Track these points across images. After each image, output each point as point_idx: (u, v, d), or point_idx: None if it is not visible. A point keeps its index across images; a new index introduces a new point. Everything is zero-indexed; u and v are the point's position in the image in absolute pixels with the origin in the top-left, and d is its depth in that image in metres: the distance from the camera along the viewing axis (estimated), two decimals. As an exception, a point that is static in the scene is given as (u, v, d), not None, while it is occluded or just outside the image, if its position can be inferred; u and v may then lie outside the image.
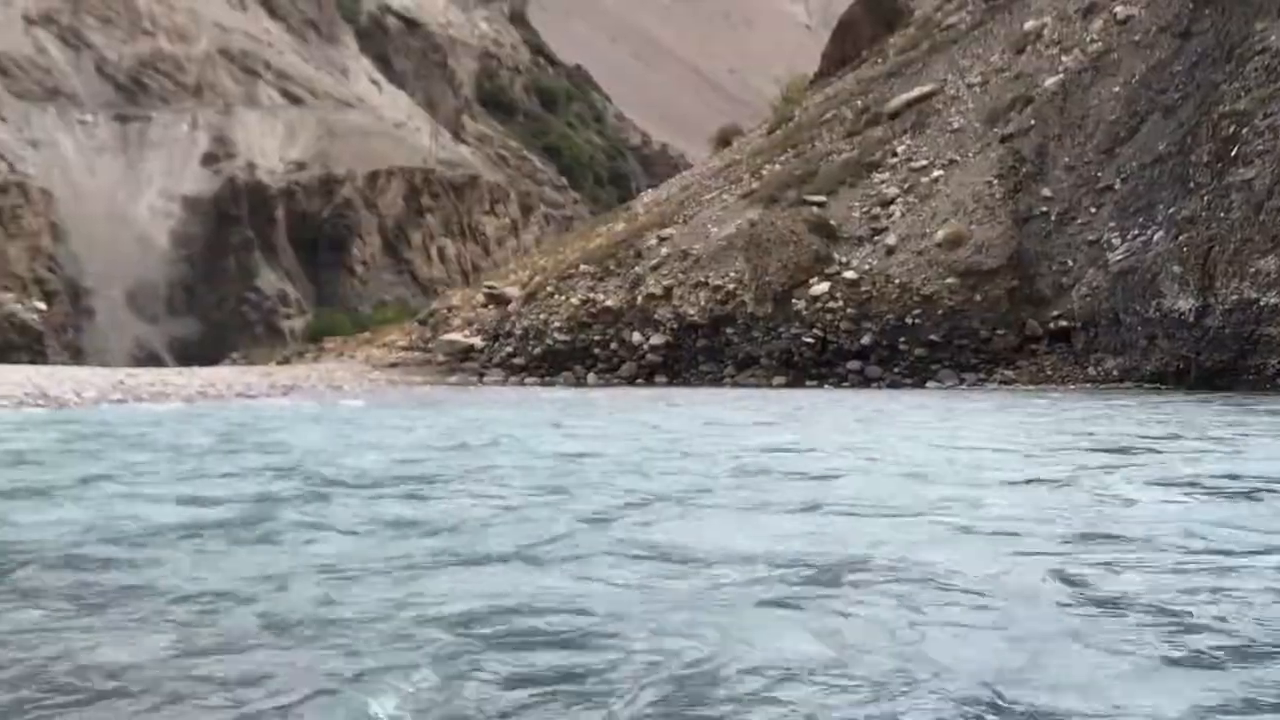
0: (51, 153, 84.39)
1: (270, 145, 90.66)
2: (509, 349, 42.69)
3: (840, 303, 36.38)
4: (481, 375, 42.14)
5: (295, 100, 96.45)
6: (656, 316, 39.25)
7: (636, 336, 39.61)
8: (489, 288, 49.07)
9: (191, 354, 75.87)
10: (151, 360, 74.25)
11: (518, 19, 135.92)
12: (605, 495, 9.82)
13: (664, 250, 41.37)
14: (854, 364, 35.55)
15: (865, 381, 34.93)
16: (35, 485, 10.92)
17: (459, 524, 8.45)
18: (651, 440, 15.91)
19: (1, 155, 79.78)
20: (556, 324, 41.46)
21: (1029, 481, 10.77)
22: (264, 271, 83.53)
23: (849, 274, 36.90)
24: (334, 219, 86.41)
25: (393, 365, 48.65)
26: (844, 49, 56.26)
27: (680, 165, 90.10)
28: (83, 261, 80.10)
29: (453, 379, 42.74)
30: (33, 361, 67.05)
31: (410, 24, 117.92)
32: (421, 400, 31.96)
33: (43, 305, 74.97)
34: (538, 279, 45.45)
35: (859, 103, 45.75)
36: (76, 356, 73.10)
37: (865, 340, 35.67)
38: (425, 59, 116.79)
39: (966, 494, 9.74)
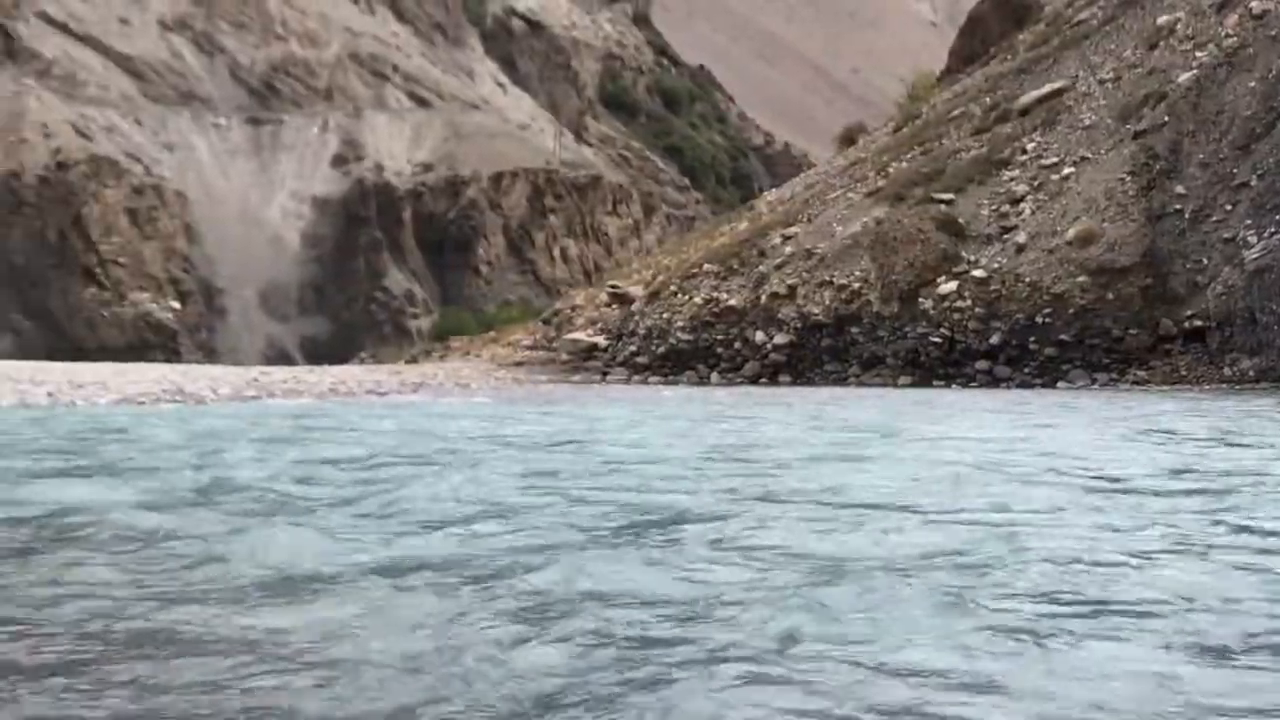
0: (186, 156, 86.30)
1: (398, 147, 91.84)
2: (632, 348, 42.72)
3: (968, 302, 35.91)
4: (605, 374, 42.22)
5: (422, 103, 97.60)
6: (780, 316, 39.04)
7: (760, 336, 39.43)
8: (612, 287, 49.19)
9: (321, 353, 77.11)
10: (282, 359, 75.61)
11: (641, 20, 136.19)
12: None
13: (788, 249, 41.13)
14: (982, 364, 35.09)
15: (994, 381, 34.45)
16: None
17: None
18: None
19: (138, 158, 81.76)
20: (680, 323, 41.41)
21: None
22: (391, 271, 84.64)
23: (977, 272, 36.42)
24: (459, 220, 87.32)
25: (517, 364, 48.97)
26: (972, 45, 55.62)
27: (803, 165, 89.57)
28: (216, 262, 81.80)
29: (576, 378, 42.91)
30: (167, 360, 68.67)
31: (534, 26, 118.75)
32: (552, 398, 32.06)
33: (177, 305, 76.71)
34: (661, 278, 45.45)
35: (988, 99, 45.13)
36: (210, 355, 74.68)
37: (994, 340, 35.19)
38: (549, 61, 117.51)
39: None
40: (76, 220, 74.98)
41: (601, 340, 44.73)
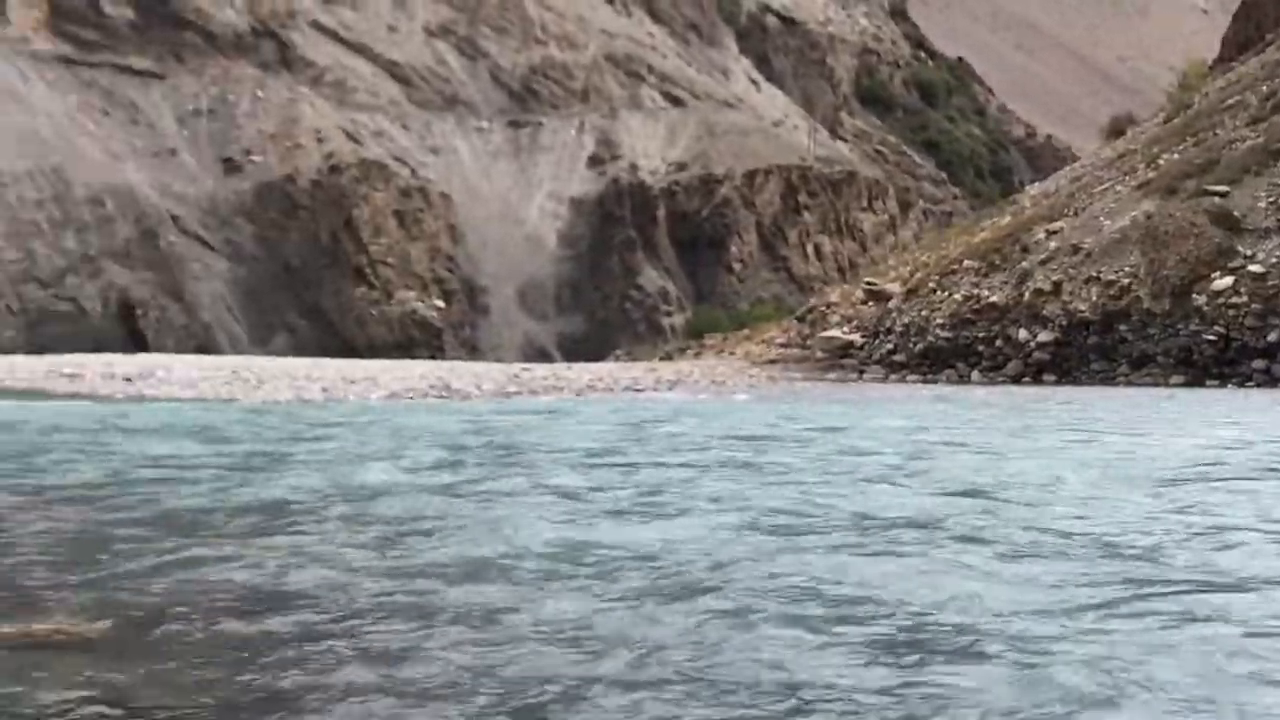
0: (450, 158, 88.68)
1: (652, 146, 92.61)
2: (889, 346, 42.23)
3: (1244, 298, 34.36)
4: (861, 372, 41.84)
5: (677, 102, 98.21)
6: (1045, 313, 38.05)
7: (1023, 334, 38.50)
8: (869, 284, 48.68)
9: (578, 350, 78.32)
10: (540, 356, 77.12)
11: (897, 13, 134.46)
12: None
13: (1053, 244, 40.04)
14: (1259, 363, 33.58)
15: (1271, 381, 32.92)
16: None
17: None
18: None
19: (405, 161, 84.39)
20: (939, 320, 40.73)
21: None
22: (646, 270, 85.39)
23: (1254, 267, 34.82)
24: (713, 218, 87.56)
25: (771, 362, 48.84)
26: (1247, 31, 53.25)
27: (1067, 158, 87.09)
28: (478, 261, 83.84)
29: (831, 375, 42.60)
30: (432, 356, 70.83)
31: (789, 23, 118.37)
32: (822, 395, 31.85)
33: (441, 303, 78.92)
34: (919, 275, 44.78)
35: (1264, 88, 43.08)
36: (472, 352, 76.63)
37: (1272, 337, 33.61)
38: (803, 57, 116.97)
39: None
40: (348, 222, 77.81)
41: (857, 338, 44.33)
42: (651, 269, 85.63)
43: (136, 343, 67.99)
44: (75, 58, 79.61)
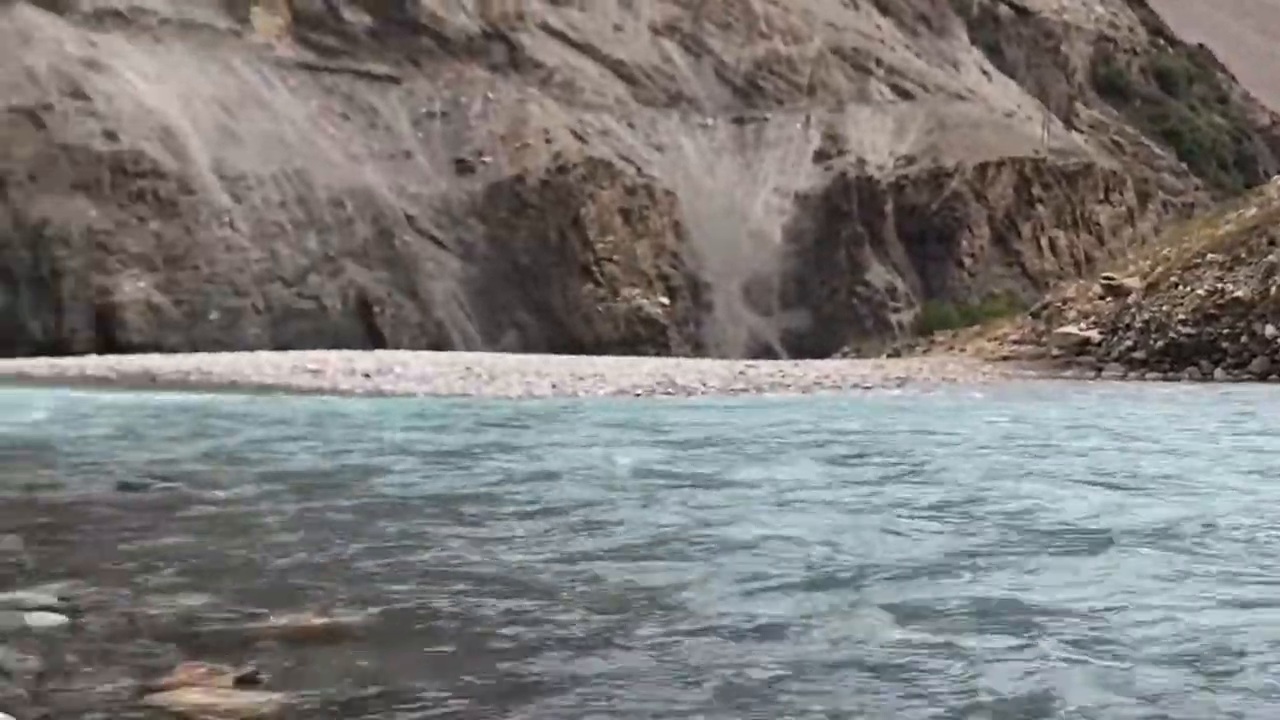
0: (675, 155, 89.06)
1: (880, 140, 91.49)
2: (1128, 343, 40.98)
3: None
4: (1098, 370, 40.72)
5: (905, 95, 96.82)
6: (1294, 308, 36.45)
7: (1270, 330, 36.97)
8: (1106, 279, 47.32)
9: (803, 346, 77.82)
10: (765, 352, 76.88)
11: (1134, 0, 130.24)
12: None
13: (1303, 236, 38.30)
14: None
15: None
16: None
17: None
18: None
19: (630, 159, 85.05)
20: (1180, 316, 39.35)
21: None
22: (873, 265, 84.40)
23: None
24: (942, 212, 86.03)
25: (1004, 359, 47.86)
26: None
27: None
28: (702, 258, 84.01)
29: (1067, 373, 41.56)
30: (657, 353, 71.26)
31: (1022, 12, 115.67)
32: (1062, 393, 31.11)
33: (666, 300, 79.29)
34: (1160, 269, 43.31)
35: None
36: (697, 349, 76.79)
37: None
38: (1037, 46, 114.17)
39: None
40: (575, 220, 78.79)
41: (1095, 335, 43.14)
42: (879, 264, 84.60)
43: (374, 339, 70.07)
44: (316, 64, 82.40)
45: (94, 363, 53.53)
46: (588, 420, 20.63)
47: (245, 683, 4.40)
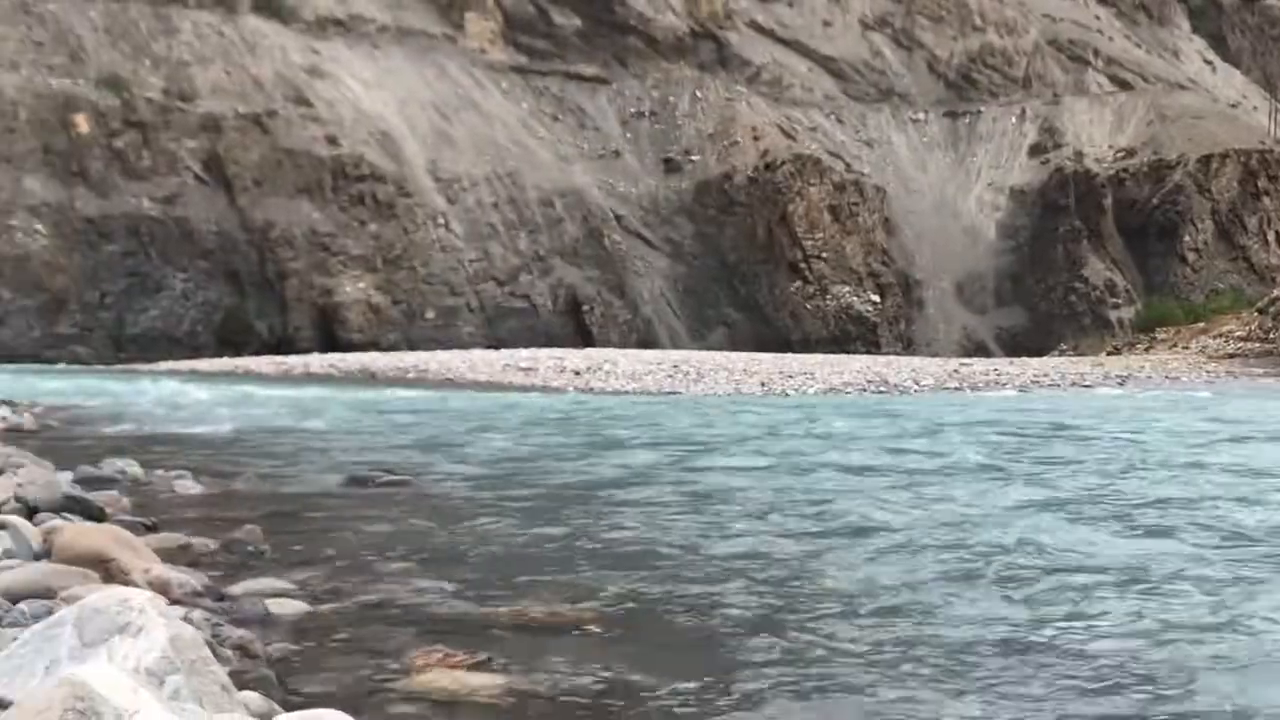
0: (885, 151, 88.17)
1: (1098, 133, 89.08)
2: (1368, 339, 39.21)
3: None
4: (1335, 368, 39.03)
5: (1124, 85, 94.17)
6: None
7: None
8: (1342, 273, 45.38)
9: (1018, 344, 76.28)
10: (978, 350, 75.59)
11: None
12: None
13: None
14: None
15: None
16: None
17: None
18: None
19: (839, 155, 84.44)
20: None
21: None
22: (1091, 261, 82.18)
23: None
24: (1164, 205, 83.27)
25: (1229, 356, 46.38)
26: None
27: None
28: (913, 254, 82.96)
29: (1299, 371, 39.97)
30: (867, 351, 70.67)
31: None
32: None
33: (876, 297, 78.45)
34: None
35: None
36: (908, 347, 75.88)
37: None
38: (1262, 34, 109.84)
39: None
40: (783, 217, 78.48)
41: (1330, 331, 41.43)
42: (1097, 260, 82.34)
43: (583, 337, 70.96)
44: (527, 66, 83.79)
45: (316, 360, 55.41)
46: (823, 418, 20.51)
47: (479, 668, 4.48)
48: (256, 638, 4.53)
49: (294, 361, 55.74)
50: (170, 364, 57.11)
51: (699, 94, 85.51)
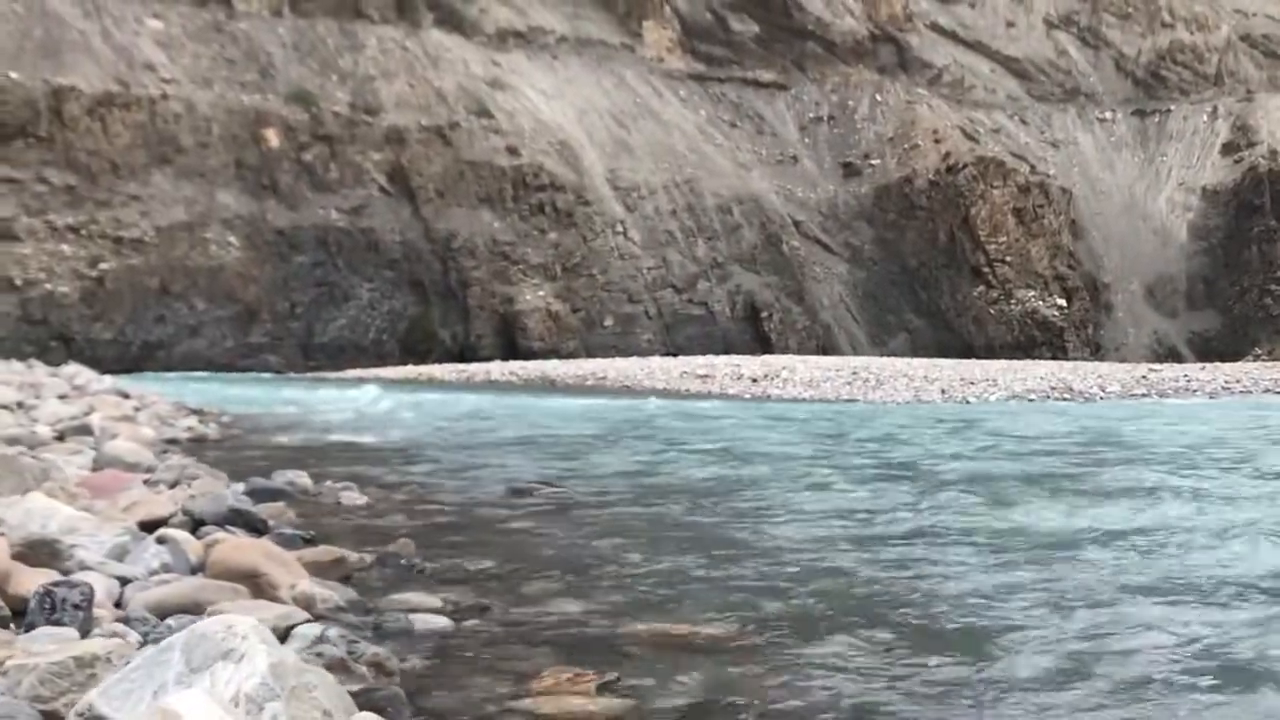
0: (1071, 152, 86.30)
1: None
2: None
3: None
4: None
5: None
6: None
7: None
8: None
9: (1211, 349, 73.99)
10: (1170, 355, 73.48)
11: None
12: None
13: None
14: None
15: None
16: None
17: None
18: None
19: (1023, 157, 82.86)
20: None
21: None
22: (1288, 262, 79.36)
23: None
24: (1366, 204, 79.96)
25: None
26: None
27: None
28: (1101, 257, 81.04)
29: None
30: (1053, 357, 69.25)
31: None
32: None
33: (1063, 301, 76.78)
34: None
35: None
36: (1095, 352, 74.13)
37: None
38: None
39: None
40: (965, 221, 77.33)
41: None
42: (1296, 261, 79.42)
43: (761, 343, 70.83)
44: (705, 74, 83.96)
45: (497, 368, 56.32)
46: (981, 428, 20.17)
47: (607, 689, 4.48)
48: (393, 654, 4.59)
49: (475, 369, 56.73)
50: (357, 372, 58.58)
51: (878, 97, 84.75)
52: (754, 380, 42.77)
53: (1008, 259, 76.87)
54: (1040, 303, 75.87)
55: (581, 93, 78.26)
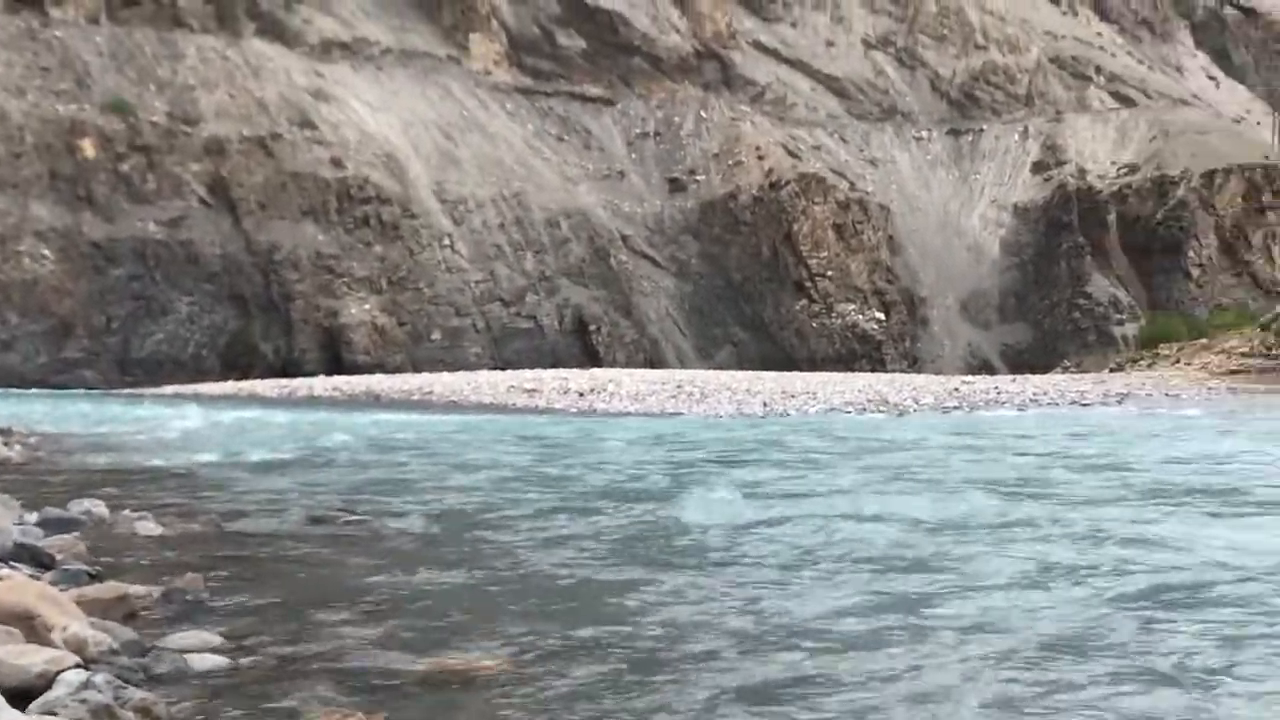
0: (889, 169, 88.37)
1: (1101, 149, 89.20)
2: (1367, 356, 39.20)
3: None
4: (1335, 385, 39.02)
5: (1127, 102, 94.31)
6: None
7: None
8: (1343, 289, 45.44)
9: (1022, 360, 76.33)
10: (983, 367, 75.64)
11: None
12: None
13: None
14: None
15: None
16: None
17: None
18: None
19: (843, 174, 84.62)
20: None
21: None
22: (1094, 277, 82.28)
23: None
24: (1167, 221, 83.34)
25: (1232, 373, 46.35)
26: None
27: None
28: (918, 272, 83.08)
29: (1301, 389, 39.95)
30: (873, 369, 70.76)
31: (1249, 14, 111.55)
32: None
33: (881, 315, 78.58)
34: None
35: None
36: (913, 364, 75.96)
37: None
38: (1266, 49, 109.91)
39: None
40: (787, 236, 78.68)
41: (1329, 347, 41.43)
42: (1101, 276, 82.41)
43: (590, 356, 71.11)
44: (532, 87, 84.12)
45: (321, 383, 55.58)
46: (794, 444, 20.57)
47: (373, 729, 4.53)
48: (161, 699, 4.58)
49: (298, 384, 55.90)
50: (176, 387, 57.34)
51: (703, 114, 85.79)
52: (581, 394, 42.94)
53: (829, 274, 78.40)
54: (860, 316, 77.52)
55: (407, 105, 77.78)
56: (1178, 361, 52.07)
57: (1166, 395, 39.06)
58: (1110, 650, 5.77)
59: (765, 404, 37.02)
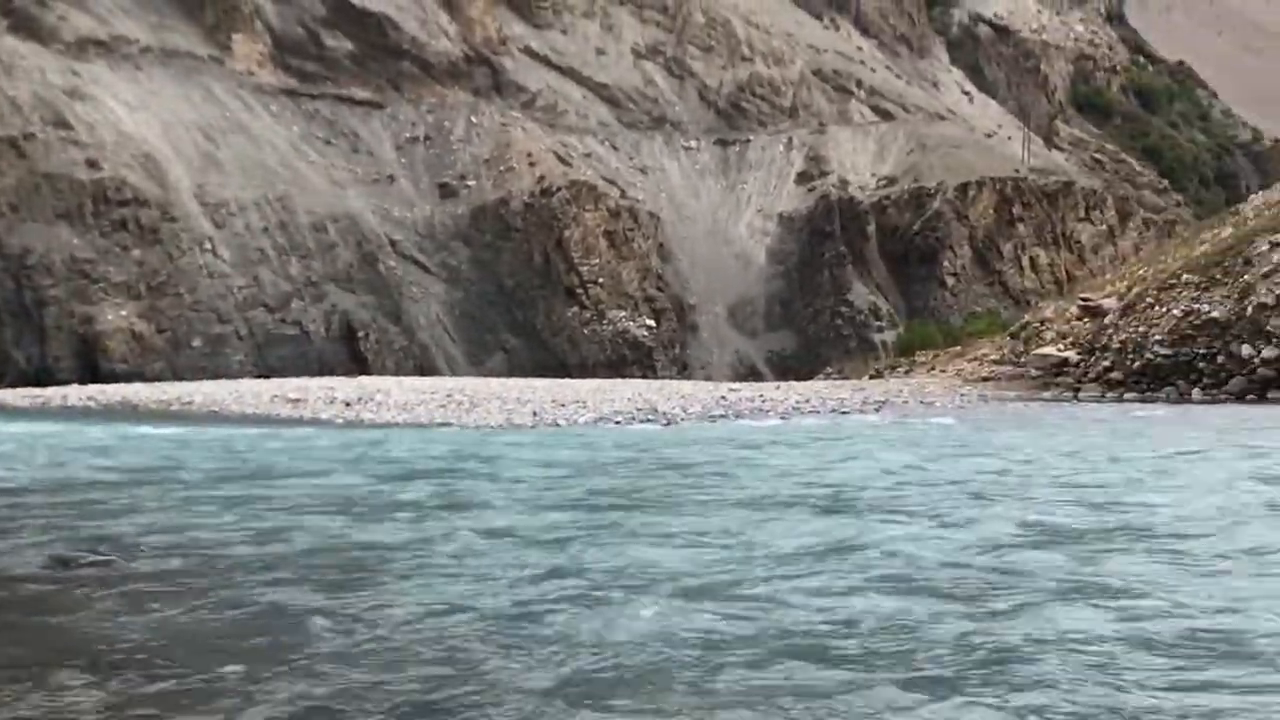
0: (659, 178, 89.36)
1: (862, 161, 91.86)
2: (1105, 363, 41.22)
3: None
4: (1076, 391, 40.92)
5: (886, 115, 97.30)
6: (1269, 328, 36.69)
7: (1246, 350, 37.23)
8: (1083, 300, 47.57)
9: (788, 366, 78.04)
10: (751, 374, 77.07)
11: (1114, 18, 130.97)
12: None
13: (1276, 257, 38.52)
14: None
15: None
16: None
17: None
18: None
19: (614, 182, 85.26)
20: (1157, 337, 39.59)
21: None
22: (856, 285, 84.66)
23: None
24: (924, 231, 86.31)
25: (984, 379, 47.99)
26: None
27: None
28: (687, 279, 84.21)
29: (1046, 394, 41.73)
30: (643, 375, 71.40)
31: (1002, 32, 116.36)
32: (1031, 418, 31.08)
33: (652, 322, 79.37)
34: (1136, 290, 43.52)
35: None
36: (683, 370, 76.94)
37: None
38: (1017, 66, 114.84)
39: None
40: (559, 243, 78.87)
41: (1072, 355, 43.37)
42: (862, 285, 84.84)
43: (358, 364, 70.09)
44: (298, 89, 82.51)
45: (76, 392, 53.47)
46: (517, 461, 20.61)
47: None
48: None
49: (52, 393, 53.72)
50: (-84, 398, 54.57)
51: (474, 119, 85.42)
52: (347, 404, 42.20)
53: (600, 280, 78.88)
54: (631, 323, 78.17)
55: (168, 105, 75.49)
56: (934, 368, 53.76)
57: (922, 403, 40.31)
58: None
59: (535, 414, 36.96)
